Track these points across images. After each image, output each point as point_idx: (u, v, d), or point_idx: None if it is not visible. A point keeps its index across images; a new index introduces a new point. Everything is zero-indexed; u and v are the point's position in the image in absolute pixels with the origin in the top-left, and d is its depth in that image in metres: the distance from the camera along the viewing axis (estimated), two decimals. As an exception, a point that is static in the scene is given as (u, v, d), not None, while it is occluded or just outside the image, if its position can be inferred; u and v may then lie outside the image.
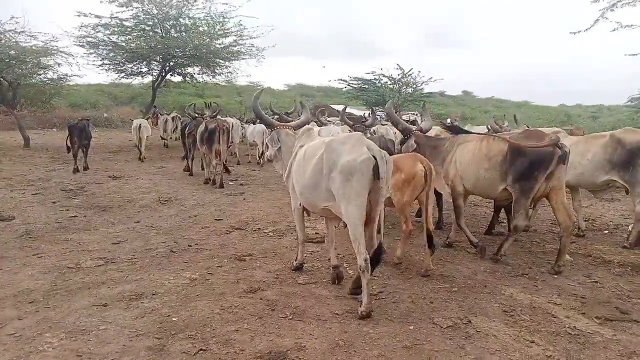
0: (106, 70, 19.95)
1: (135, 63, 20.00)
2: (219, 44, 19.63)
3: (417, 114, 25.90)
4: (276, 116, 7.02)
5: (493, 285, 4.49)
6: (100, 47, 19.06)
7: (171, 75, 21.50)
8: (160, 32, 19.13)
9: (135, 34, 18.68)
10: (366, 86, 25.96)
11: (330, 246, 4.61)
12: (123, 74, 20.62)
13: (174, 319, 3.63)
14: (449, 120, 29.53)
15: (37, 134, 20.57)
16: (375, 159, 3.58)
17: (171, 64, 20.17)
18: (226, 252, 5.41)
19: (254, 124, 14.16)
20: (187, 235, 6.10)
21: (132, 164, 13.24)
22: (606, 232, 6.72)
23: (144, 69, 20.66)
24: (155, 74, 20.75)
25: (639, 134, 5.59)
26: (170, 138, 18.94)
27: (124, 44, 18.73)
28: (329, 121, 12.44)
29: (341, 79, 25.78)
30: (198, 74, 21.38)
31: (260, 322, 3.61)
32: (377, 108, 26.75)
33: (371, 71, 25.20)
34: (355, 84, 26.09)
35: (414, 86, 25.24)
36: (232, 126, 12.26)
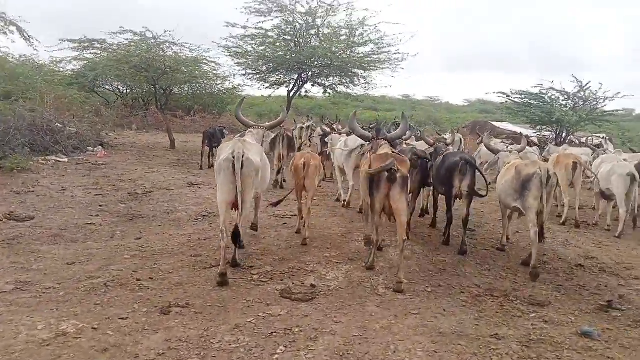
0: (250, 79, 20.62)
1: (277, 73, 20.22)
2: (357, 53, 18.69)
3: (604, 138, 20.93)
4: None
5: None
6: (247, 57, 19.70)
7: (312, 85, 21.27)
8: (301, 41, 19.00)
9: (277, 44, 18.88)
10: (532, 101, 22.03)
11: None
12: (267, 84, 21.04)
13: None
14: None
15: (198, 137, 22.14)
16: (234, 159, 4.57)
17: (309, 73, 19.89)
18: (164, 298, 4.19)
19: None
20: (158, 266, 5.05)
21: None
22: None
23: (285, 79, 20.78)
24: (292, 83, 20.70)
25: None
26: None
27: (267, 54, 19.04)
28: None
29: (501, 92, 22.34)
30: (338, 84, 20.74)
31: None
32: (544, 128, 22.64)
33: (537, 84, 21.25)
34: (517, 99, 22.36)
35: (594, 102, 20.53)
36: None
